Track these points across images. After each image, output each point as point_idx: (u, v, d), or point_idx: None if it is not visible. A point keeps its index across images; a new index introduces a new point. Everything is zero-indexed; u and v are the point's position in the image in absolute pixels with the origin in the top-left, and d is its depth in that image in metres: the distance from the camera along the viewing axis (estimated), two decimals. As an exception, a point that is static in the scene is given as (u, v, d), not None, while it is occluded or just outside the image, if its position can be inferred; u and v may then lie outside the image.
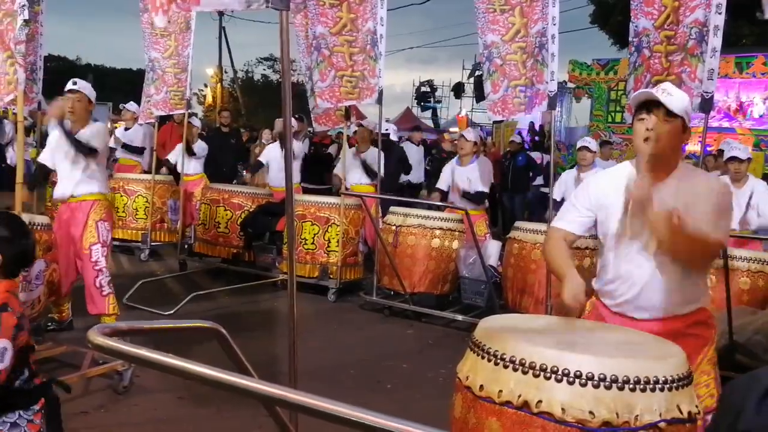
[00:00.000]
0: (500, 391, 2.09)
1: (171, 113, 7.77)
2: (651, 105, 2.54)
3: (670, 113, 2.51)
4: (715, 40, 4.50)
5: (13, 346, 2.17)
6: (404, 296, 6.40)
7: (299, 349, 2.90)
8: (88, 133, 4.66)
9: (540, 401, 2.00)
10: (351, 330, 6.00)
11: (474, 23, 5.60)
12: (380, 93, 6.33)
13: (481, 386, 2.14)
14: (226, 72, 36.29)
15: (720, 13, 4.48)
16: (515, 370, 2.07)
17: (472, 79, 23.77)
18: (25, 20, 3.71)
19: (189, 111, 7.78)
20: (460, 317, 6.06)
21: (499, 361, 2.12)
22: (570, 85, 17.26)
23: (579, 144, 7.06)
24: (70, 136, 4.50)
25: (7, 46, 3.75)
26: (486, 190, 6.91)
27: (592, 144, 7.00)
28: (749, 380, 0.70)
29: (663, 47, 4.57)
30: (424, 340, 5.84)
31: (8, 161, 9.28)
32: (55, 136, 4.73)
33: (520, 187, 11.29)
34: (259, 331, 5.49)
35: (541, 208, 8.86)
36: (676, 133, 2.55)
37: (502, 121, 21.78)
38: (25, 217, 3.68)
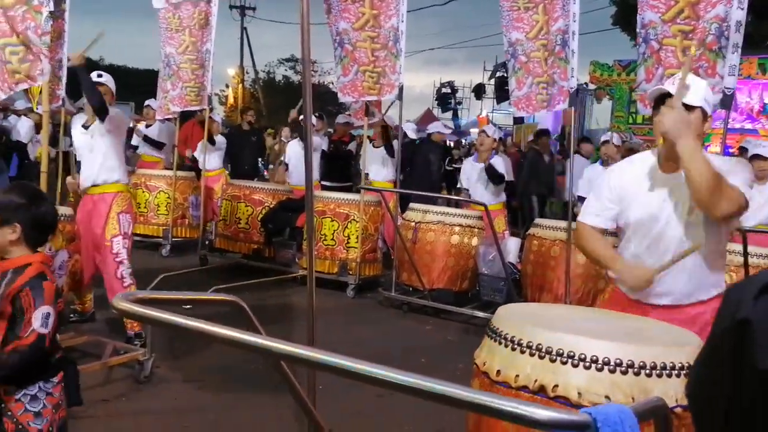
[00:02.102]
0: (517, 375, 2.10)
1: (186, 109, 7.79)
2: (667, 98, 2.53)
3: (686, 105, 2.50)
4: (737, 36, 4.47)
5: (55, 312, 2.23)
6: (423, 293, 6.41)
7: (318, 343, 2.92)
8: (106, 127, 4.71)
9: (556, 385, 2.01)
10: (370, 325, 6.02)
11: (494, 24, 5.67)
12: (400, 89, 6.35)
13: (498, 371, 2.16)
14: (247, 73, 36.61)
15: (742, 9, 4.44)
16: (532, 354, 2.08)
17: (493, 80, 23.71)
18: (50, 11, 3.79)
19: (210, 107, 7.84)
20: (479, 314, 6.05)
21: (516, 346, 2.13)
22: (591, 86, 17.16)
23: (602, 138, 7.05)
24: (87, 78, 4.49)
25: (17, 32, 3.80)
26: (508, 178, 6.92)
27: (615, 138, 6.98)
28: (748, 280, 0.74)
29: (678, 41, 4.55)
30: (442, 336, 5.85)
31: (30, 158, 9.43)
32: (77, 129, 4.80)
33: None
34: (279, 326, 5.52)
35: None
36: (695, 123, 2.54)
37: (522, 119, 21.72)
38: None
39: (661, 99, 2.56)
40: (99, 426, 3.55)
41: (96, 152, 4.68)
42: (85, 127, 4.74)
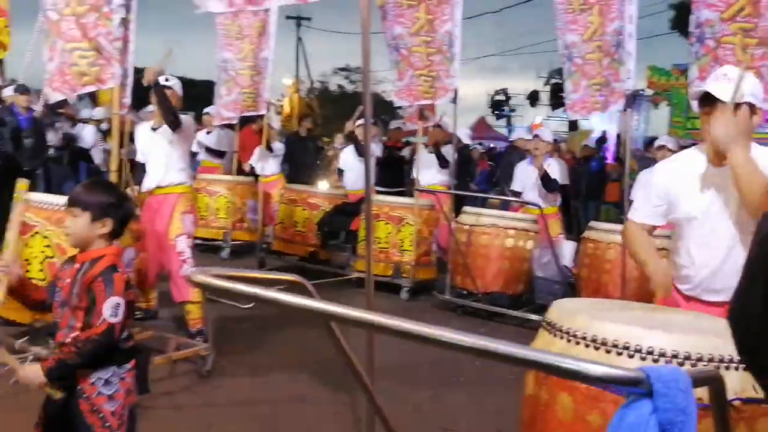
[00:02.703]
0: (572, 367, 2.12)
1: (242, 114, 7.94)
2: (712, 97, 2.51)
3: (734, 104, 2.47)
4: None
5: (125, 303, 2.35)
6: (477, 296, 6.42)
7: (375, 341, 2.99)
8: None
9: (614, 376, 2.02)
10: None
11: (548, 31, 5.67)
12: (455, 92, 6.40)
13: (554, 363, 2.18)
14: (302, 82, 37.15)
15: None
16: (587, 346, 2.09)
17: (547, 87, 23.54)
18: (122, 18, 4.00)
19: (266, 113, 8.01)
20: (533, 317, 6.02)
21: (571, 338, 2.15)
22: (648, 92, 16.84)
23: (657, 143, 6.94)
24: (161, 95, 4.71)
25: (89, 38, 4.00)
26: (562, 182, 6.87)
27: (671, 143, 6.86)
28: None
29: (738, 39, 4.50)
30: (497, 339, 5.83)
31: (95, 161, 9.81)
32: (143, 130, 5.01)
33: (593, 193, 11.10)
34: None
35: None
36: (743, 121, 2.50)
37: (577, 126, 21.38)
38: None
39: (707, 96, 2.55)
40: (164, 417, 3.69)
41: (162, 154, 4.88)
42: (154, 129, 4.96)
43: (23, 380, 2.26)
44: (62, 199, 3.79)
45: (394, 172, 8.78)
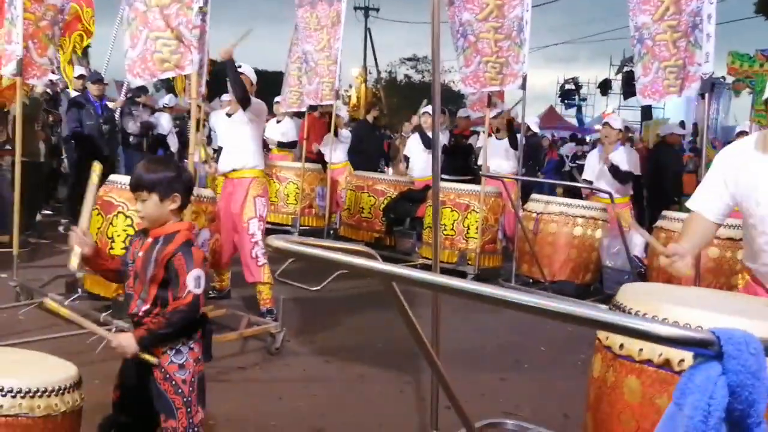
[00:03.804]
0: (641, 349, 2.09)
1: (322, 103, 8.17)
2: None
3: None
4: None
5: (205, 275, 2.46)
6: (544, 284, 6.36)
7: (441, 326, 3.01)
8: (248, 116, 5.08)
9: (683, 360, 1.98)
10: (490, 314, 6.04)
11: (620, 17, 5.56)
12: (524, 79, 6.33)
13: (621, 345, 2.16)
14: (370, 72, 37.35)
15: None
16: (657, 328, 2.07)
17: (620, 76, 22.88)
18: (200, 7, 4.15)
19: (336, 102, 8.16)
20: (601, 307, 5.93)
21: (640, 320, 2.13)
22: (729, 79, 16.15)
23: (737, 129, 6.70)
24: (234, 71, 4.87)
25: (172, 28, 4.18)
26: (634, 172, 6.72)
27: (753, 130, 6.60)
28: None
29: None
30: (563, 328, 5.76)
31: (171, 148, 10.17)
32: (217, 117, 5.19)
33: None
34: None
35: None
36: None
37: (651, 115, 20.71)
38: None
39: None
40: (235, 390, 3.84)
41: (237, 139, 5.05)
42: (229, 115, 5.14)
43: (118, 348, 2.39)
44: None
45: (461, 160, 8.76)
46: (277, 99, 10.28)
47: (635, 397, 2.10)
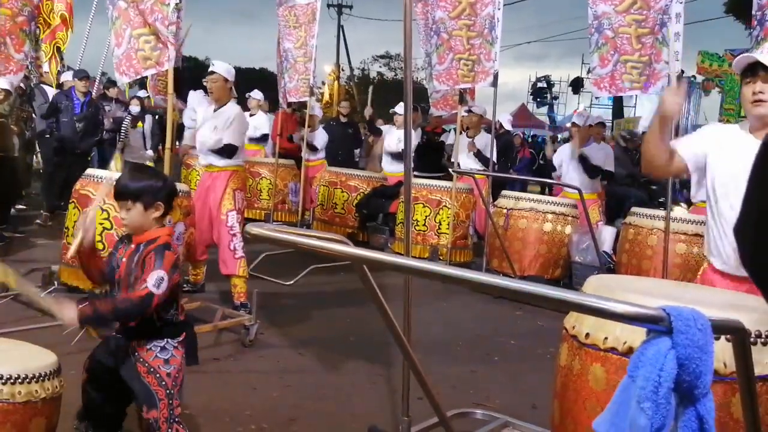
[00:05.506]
0: (605, 338, 2.17)
1: (300, 100, 8.23)
2: (756, 68, 2.53)
3: None
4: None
5: (169, 280, 2.49)
6: (514, 279, 6.46)
7: (413, 320, 3.07)
8: (224, 119, 5.04)
9: (646, 347, 2.09)
10: (460, 308, 6.15)
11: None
12: (495, 76, 6.42)
13: (587, 334, 2.23)
14: (342, 70, 37.30)
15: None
16: (617, 318, 2.16)
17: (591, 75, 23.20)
18: (176, 3, 4.17)
19: (310, 99, 8.20)
20: (570, 301, 6.05)
21: (603, 310, 2.21)
22: (698, 79, 16.46)
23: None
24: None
25: (149, 23, 4.20)
26: (605, 168, 6.85)
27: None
28: None
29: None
30: (532, 322, 5.89)
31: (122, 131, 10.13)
32: (205, 109, 5.17)
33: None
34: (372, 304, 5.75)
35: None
36: None
37: (622, 113, 20.96)
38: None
39: (750, 68, 2.56)
40: (210, 380, 3.86)
41: (218, 135, 5.04)
42: (215, 110, 5.08)
43: (59, 319, 2.45)
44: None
45: (432, 158, 8.83)
46: (248, 94, 10.27)
47: (600, 385, 2.18)
